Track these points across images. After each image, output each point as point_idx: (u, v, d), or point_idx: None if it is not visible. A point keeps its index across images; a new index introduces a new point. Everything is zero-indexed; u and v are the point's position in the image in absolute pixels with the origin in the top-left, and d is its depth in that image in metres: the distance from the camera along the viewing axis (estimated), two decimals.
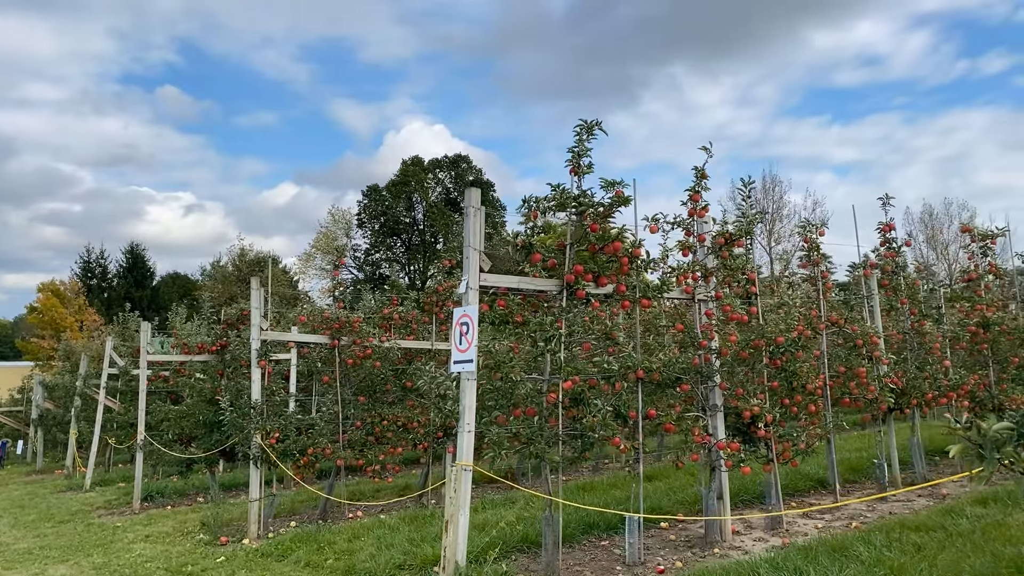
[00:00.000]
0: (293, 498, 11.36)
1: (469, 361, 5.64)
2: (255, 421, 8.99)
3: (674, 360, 6.61)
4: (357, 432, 9.72)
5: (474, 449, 5.73)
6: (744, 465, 6.79)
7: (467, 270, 5.78)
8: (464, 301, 5.79)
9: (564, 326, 6.08)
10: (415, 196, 59.21)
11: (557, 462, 5.94)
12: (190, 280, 60.73)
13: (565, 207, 6.20)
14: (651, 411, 6.68)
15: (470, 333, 5.69)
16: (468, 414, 5.61)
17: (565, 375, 6.06)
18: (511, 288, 6.12)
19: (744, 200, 7.70)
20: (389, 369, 10.05)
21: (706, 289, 7.25)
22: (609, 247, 6.23)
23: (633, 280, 6.60)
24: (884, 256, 9.44)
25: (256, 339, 9.10)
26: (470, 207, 5.82)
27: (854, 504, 8.48)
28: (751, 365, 7.23)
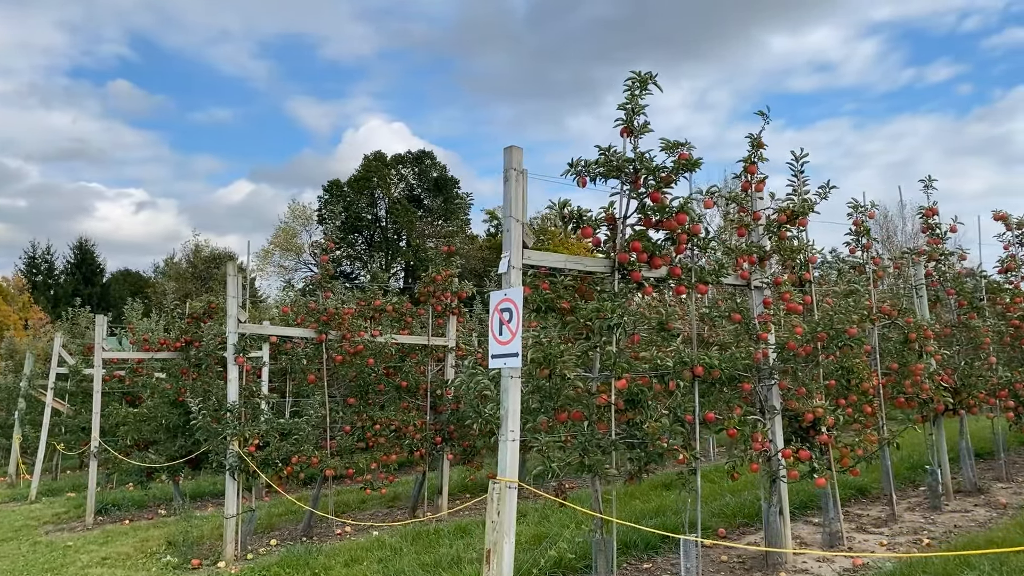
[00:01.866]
0: (269, 510, 10.21)
1: (513, 355, 4.64)
2: (232, 426, 7.86)
3: (736, 355, 5.68)
4: (346, 438, 8.63)
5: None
6: (818, 475, 5.90)
7: (508, 246, 4.77)
8: (505, 282, 4.79)
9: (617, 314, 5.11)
10: (377, 192, 57.86)
11: (614, 476, 4.97)
12: (142, 277, 58.57)
13: (618, 172, 5.23)
14: (709, 414, 5.74)
15: (513, 321, 4.69)
16: (512, 419, 4.61)
17: (619, 372, 5.10)
18: (556, 268, 5.12)
19: (796, 176, 6.81)
20: (382, 367, 8.99)
21: (762, 274, 6.35)
22: (670, 222, 5.28)
23: (689, 262, 5.66)
24: (929, 243, 8.67)
25: (233, 332, 7.96)
26: (511, 170, 4.82)
27: (908, 515, 7.66)
28: (813, 361, 6.35)
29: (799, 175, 6.82)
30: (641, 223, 5.41)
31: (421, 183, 59.49)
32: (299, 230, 57.74)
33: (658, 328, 5.48)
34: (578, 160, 5.23)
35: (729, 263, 5.95)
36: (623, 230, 5.36)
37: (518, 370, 4.71)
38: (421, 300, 9.48)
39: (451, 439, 9.40)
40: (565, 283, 5.09)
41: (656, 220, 5.35)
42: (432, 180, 59.05)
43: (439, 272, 9.35)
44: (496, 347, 4.80)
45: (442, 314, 9.53)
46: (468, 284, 9.72)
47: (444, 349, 9.58)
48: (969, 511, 7.75)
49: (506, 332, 4.75)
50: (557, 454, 4.75)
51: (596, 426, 5.14)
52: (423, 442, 9.02)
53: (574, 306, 5.09)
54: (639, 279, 5.28)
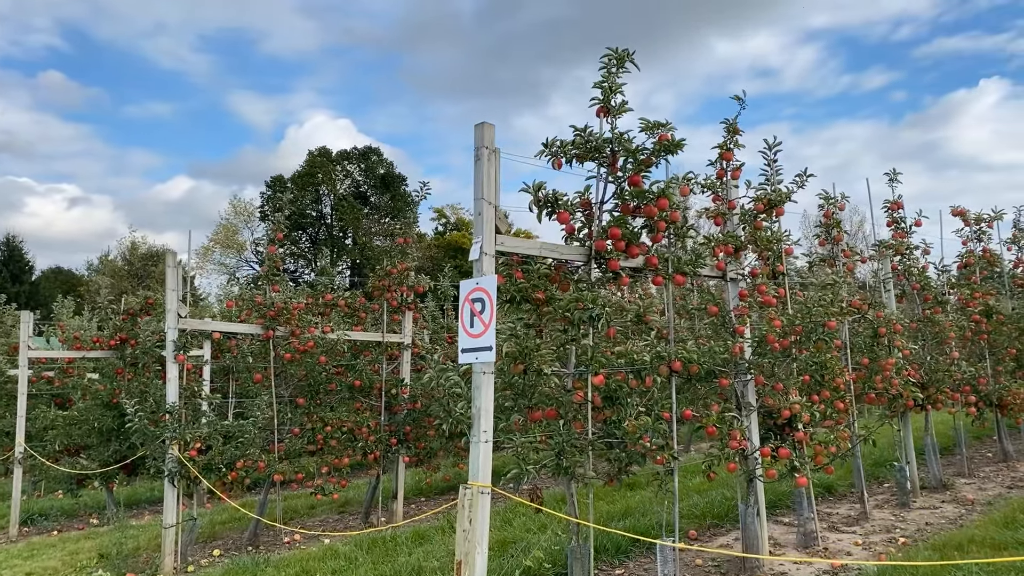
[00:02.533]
0: (212, 518, 9.63)
1: (486, 349, 4.26)
2: (172, 428, 7.30)
3: (715, 349, 5.40)
4: (296, 440, 8.13)
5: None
6: (799, 475, 5.66)
7: (480, 231, 4.39)
8: (476, 270, 4.41)
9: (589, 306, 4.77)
10: (322, 188, 56.79)
11: (592, 478, 4.63)
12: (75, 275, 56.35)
13: (596, 154, 4.89)
14: (687, 411, 5.45)
15: (486, 312, 4.31)
16: (484, 418, 4.23)
17: (596, 368, 4.77)
18: (530, 256, 4.76)
19: (769, 165, 6.58)
20: (334, 365, 8.51)
21: (738, 266, 6.10)
22: (649, 207, 4.96)
23: (666, 251, 5.36)
24: (894, 237, 8.56)
25: (173, 328, 7.41)
26: (482, 148, 4.44)
27: (877, 513, 7.50)
28: (789, 355, 6.11)
29: (772, 164, 6.58)
30: (618, 209, 5.08)
31: (367, 180, 58.63)
32: (241, 227, 56.35)
33: (635, 320, 5.15)
34: (553, 140, 4.87)
35: (707, 253, 5.67)
36: (600, 216, 5.03)
37: (491, 365, 4.33)
38: (375, 295, 9.02)
39: (407, 441, 8.96)
40: (541, 271, 4.73)
41: (634, 206, 5.03)
42: (379, 177, 58.22)
43: (394, 265, 8.90)
44: (467, 340, 4.41)
45: (397, 309, 9.09)
46: (424, 278, 9.30)
47: (399, 346, 9.14)
48: (938, 508, 7.64)
49: (478, 324, 4.37)
50: (532, 456, 4.38)
51: (572, 425, 4.80)
52: (377, 444, 8.57)
53: (550, 296, 4.74)
54: (617, 268, 4.94)
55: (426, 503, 10.12)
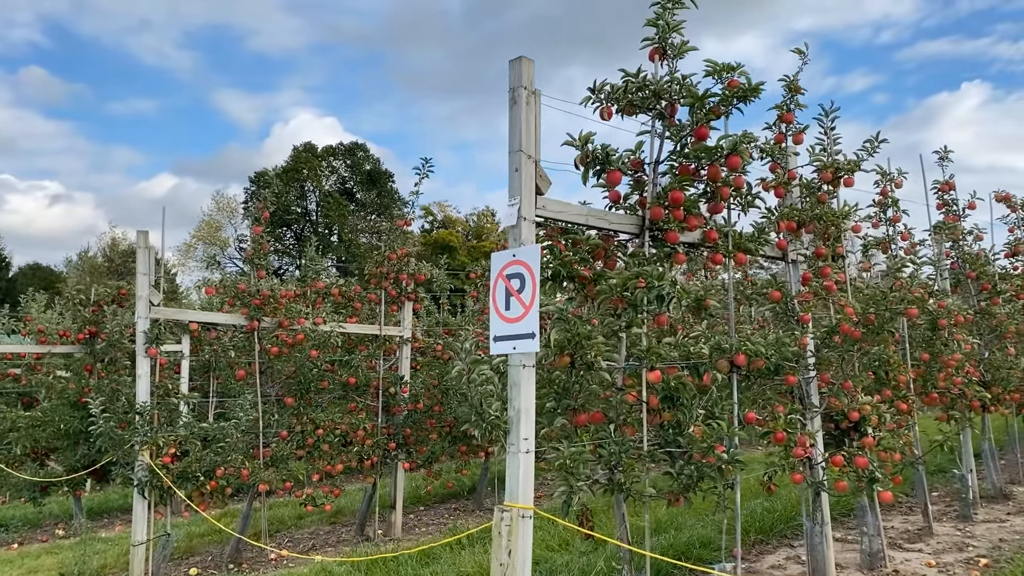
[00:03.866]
0: (190, 530, 8.71)
1: (527, 336, 3.41)
2: (142, 432, 6.40)
3: (784, 340, 4.57)
4: (283, 445, 7.24)
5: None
6: (882, 488, 4.83)
7: (517, 190, 3.54)
8: (512, 239, 3.55)
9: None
10: (307, 185, 55.71)
11: (651, 496, 3.78)
12: (53, 272, 54.91)
13: (656, 99, 4.04)
14: (750, 414, 4.61)
15: (526, 290, 3.46)
16: (525, 422, 3.38)
17: (652, 361, 3.92)
18: (573, 224, 3.90)
19: (826, 133, 5.77)
20: (326, 361, 7.62)
21: (800, 245, 5.28)
22: (714, 168, 4.12)
23: (725, 225, 4.52)
24: (946, 220, 7.77)
25: (144, 317, 6.50)
26: (520, 88, 3.58)
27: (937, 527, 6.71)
28: (859, 349, 5.30)
29: (829, 132, 5.77)
30: (675, 171, 4.23)
31: (354, 176, 57.61)
32: (224, 223, 55.16)
33: (694, 306, 4.30)
34: (602, 84, 4.02)
35: (770, 228, 4.84)
36: (654, 179, 4.18)
37: (533, 356, 3.48)
38: (372, 283, 8.13)
39: (407, 445, 8.09)
40: (592, 241, 3.86)
41: (696, 167, 4.18)
42: (365, 173, 57.20)
43: (393, 250, 8.02)
44: (501, 326, 3.56)
45: (396, 299, 8.21)
46: (427, 265, 8.43)
47: (398, 340, 8.26)
48: (1005, 521, 6.85)
49: (516, 306, 3.51)
50: (584, 470, 3.53)
51: (622, 431, 3.96)
52: (375, 449, 7.69)
53: (598, 274, 3.88)
54: (676, 240, 4.10)
55: (426, 512, 9.25)
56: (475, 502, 9.39)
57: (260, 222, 7.17)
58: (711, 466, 3.73)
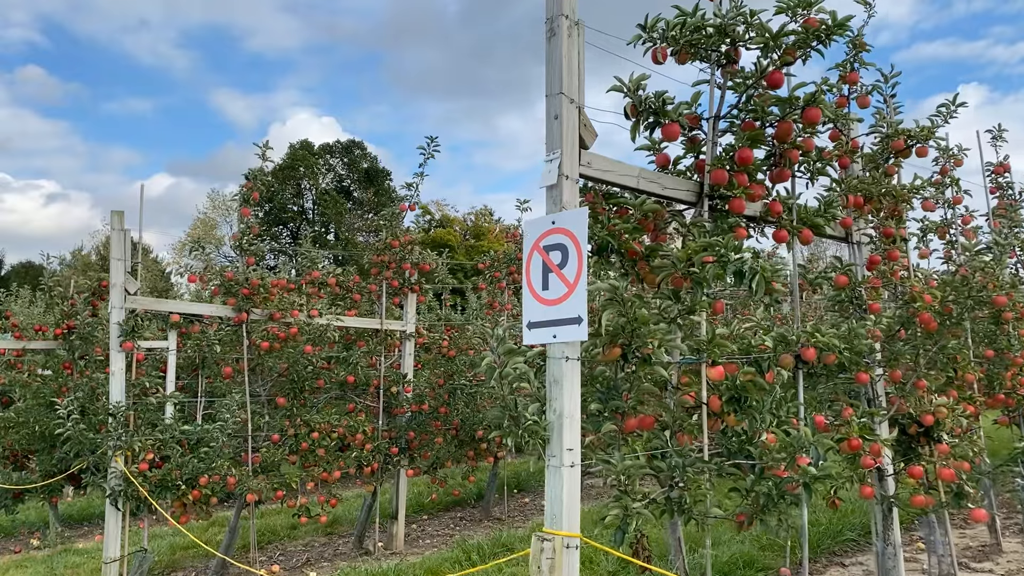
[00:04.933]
0: (172, 541, 8.02)
1: (571, 321, 2.73)
2: (116, 435, 5.72)
3: (858, 332, 3.89)
4: (274, 450, 6.55)
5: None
6: (973, 505, 4.16)
7: (556, 142, 2.87)
8: (550, 202, 2.88)
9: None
10: (304, 182, 54.99)
11: (717, 517, 3.10)
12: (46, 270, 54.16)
13: (721, 38, 3.36)
14: (819, 418, 3.94)
15: (570, 265, 2.78)
16: (569, 429, 2.71)
17: (714, 355, 3.25)
18: (623, 187, 3.23)
19: (886, 101, 5.10)
20: (322, 357, 6.93)
21: (865, 223, 4.61)
22: (785, 124, 3.44)
23: (790, 197, 3.86)
24: (1001, 205, 7.10)
25: (120, 307, 5.82)
26: (560, 18, 2.91)
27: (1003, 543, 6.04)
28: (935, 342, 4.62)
29: (889, 100, 5.10)
30: (738, 128, 3.56)
31: (351, 174, 56.93)
32: (219, 221, 54.42)
33: None
34: (655, 20, 3.34)
35: (838, 202, 4.16)
36: (713, 138, 3.51)
37: (578, 347, 2.80)
38: (372, 272, 7.45)
39: (409, 450, 7.41)
40: (646, 206, 3.17)
41: (764, 123, 3.51)
42: (362, 171, 56.52)
43: (396, 236, 7.34)
44: (538, 309, 2.88)
45: (398, 291, 7.53)
46: (431, 254, 7.75)
47: (400, 335, 7.58)
48: None
49: (557, 284, 2.84)
50: (640, 487, 2.85)
51: (678, 438, 3.28)
52: (375, 454, 7.01)
53: (651, 247, 3.20)
54: (742, 210, 3.42)
55: (429, 522, 8.56)
56: (483, 511, 8.71)
57: (250, 203, 6.49)
58: (794, 481, 3.05)
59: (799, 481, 3.00)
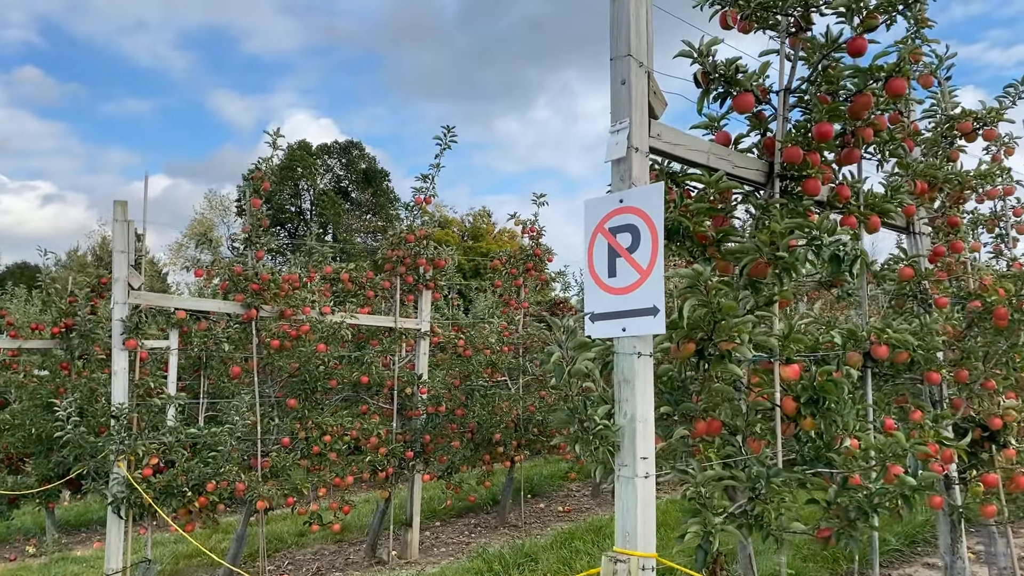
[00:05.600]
0: (176, 549, 7.68)
1: (645, 312, 2.41)
2: (118, 438, 5.38)
3: (931, 328, 3.57)
4: (285, 454, 6.21)
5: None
6: None
7: (623, 109, 2.54)
8: (616, 178, 2.56)
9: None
10: (302, 183, 54.66)
11: (797, 533, 2.77)
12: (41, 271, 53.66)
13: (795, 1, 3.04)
14: (889, 421, 3.61)
15: (643, 249, 2.46)
16: (642, 435, 2.39)
17: (788, 353, 2.93)
18: (694, 164, 2.90)
19: (940, 83, 4.79)
20: (334, 357, 6.59)
21: (928, 211, 4.29)
22: (863, 97, 3.12)
23: (857, 181, 3.54)
24: None
25: (122, 303, 5.48)
26: None
27: None
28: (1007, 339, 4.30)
29: (943, 82, 4.78)
30: (809, 102, 3.23)
31: (349, 174, 56.63)
32: (216, 222, 54.04)
33: (826, 281, 3.30)
34: None
35: (903, 189, 3.84)
36: (784, 112, 3.18)
37: (650, 341, 2.48)
38: (386, 268, 7.12)
39: (425, 453, 7.08)
40: (722, 185, 2.84)
41: (836, 97, 3.18)
42: (360, 172, 56.23)
43: (412, 231, 7.01)
44: (603, 299, 2.55)
45: (413, 287, 7.20)
46: (448, 250, 7.43)
47: (415, 334, 7.25)
48: None
49: (626, 271, 2.51)
50: (719, 500, 2.53)
51: (748, 443, 2.96)
52: (389, 458, 6.68)
53: (725, 231, 2.87)
54: (817, 192, 3.10)
55: (444, 529, 8.22)
56: (498, 517, 8.37)
57: (259, 194, 6.15)
58: (890, 492, 2.73)
59: (895, 493, 2.67)
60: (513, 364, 8.11)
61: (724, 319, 2.50)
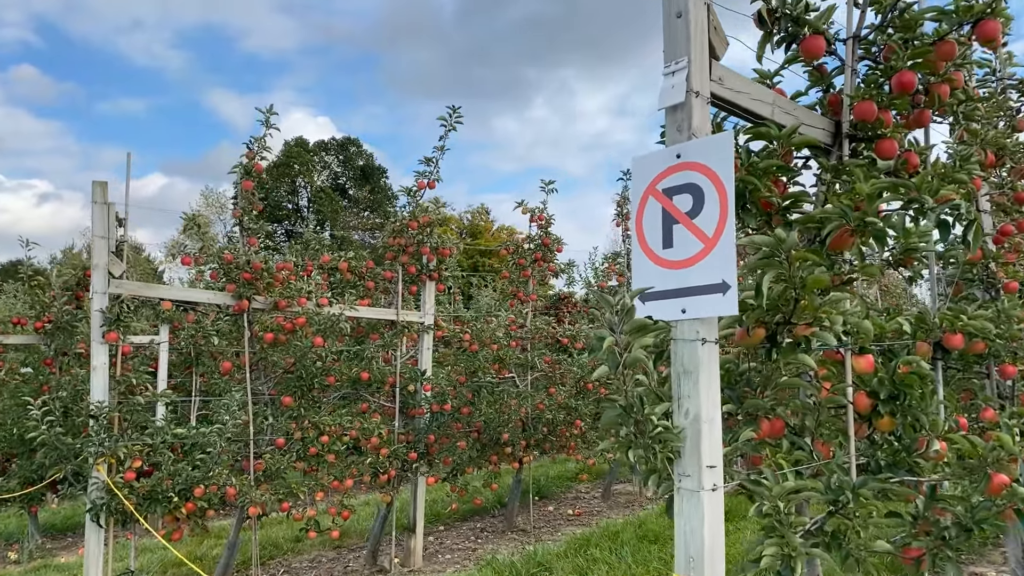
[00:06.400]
0: (164, 555, 7.24)
1: (713, 289, 1.99)
2: (98, 440, 4.94)
3: (1009, 314, 3.15)
4: (279, 456, 5.78)
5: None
6: None
7: (681, 47, 2.12)
8: (674, 128, 2.13)
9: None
10: (299, 180, 54.18)
11: (881, 552, 2.35)
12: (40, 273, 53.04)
13: None
14: (961, 419, 3.19)
15: (708, 212, 2.03)
16: (707, 438, 1.96)
17: (862, 341, 2.50)
18: (756, 116, 2.47)
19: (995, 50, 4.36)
20: (332, 352, 6.16)
21: (991, 187, 3.87)
22: (946, 45, 2.69)
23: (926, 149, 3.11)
24: None
25: (103, 292, 5.04)
26: None
27: None
28: None
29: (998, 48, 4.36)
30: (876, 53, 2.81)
31: (346, 171, 56.18)
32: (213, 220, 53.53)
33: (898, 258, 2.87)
34: None
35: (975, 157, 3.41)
36: (853, 64, 2.75)
37: (715, 326, 2.05)
38: (388, 257, 6.68)
39: (429, 455, 6.65)
40: (800, 139, 2.40)
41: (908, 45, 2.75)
42: (358, 168, 55.77)
43: (415, 217, 6.57)
44: (655, 274, 2.12)
45: (416, 278, 6.77)
46: (452, 238, 6.99)
47: (418, 328, 6.82)
48: None
49: (687, 240, 2.08)
50: (796, 517, 2.10)
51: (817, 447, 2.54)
52: (392, 459, 6.25)
53: (793, 197, 2.44)
54: (893, 154, 2.67)
55: (447, 533, 7.79)
56: (505, 520, 7.94)
57: (251, 175, 5.71)
58: (997, 505, 2.30)
59: (1005, 506, 2.24)
60: (521, 359, 7.68)
61: (807, 297, 2.06)
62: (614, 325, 1.89)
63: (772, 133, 2.36)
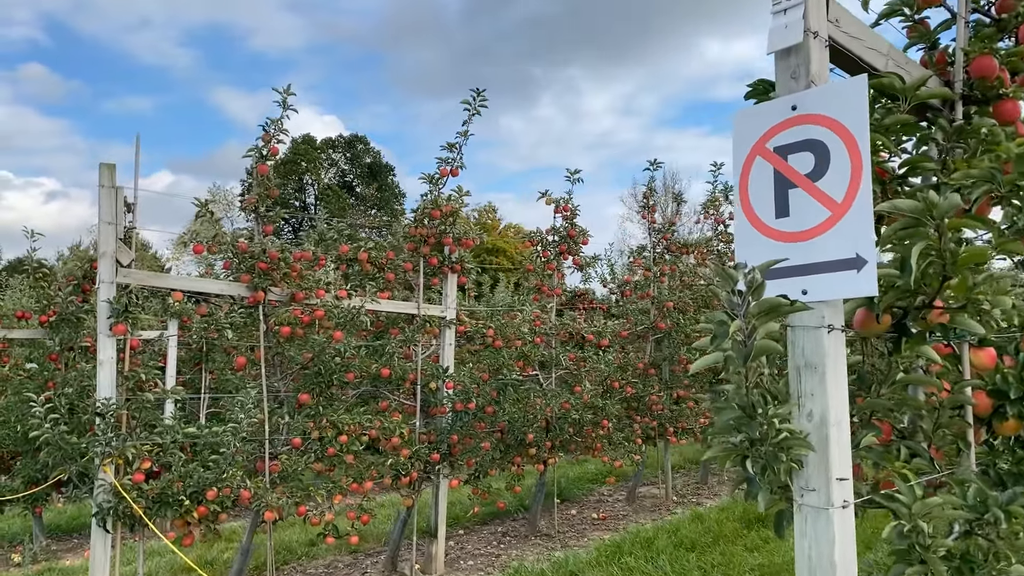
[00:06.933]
0: (171, 560, 6.92)
1: (842, 265, 1.66)
2: (104, 439, 4.62)
3: None
4: (296, 456, 5.45)
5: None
6: None
7: None
8: (787, 74, 1.80)
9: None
10: (306, 177, 53.97)
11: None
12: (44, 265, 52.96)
13: None
14: None
15: (834, 173, 1.70)
16: (836, 444, 1.63)
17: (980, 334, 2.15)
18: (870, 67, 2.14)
19: None
20: (351, 346, 5.82)
21: None
22: None
23: None
24: None
25: (110, 282, 4.72)
26: None
27: None
28: None
29: None
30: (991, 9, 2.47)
31: (354, 169, 55.96)
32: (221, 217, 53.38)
33: None
34: None
35: None
36: (966, 16, 2.41)
37: (841, 310, 1.71)
38: (409, 248, 6.35)
39: (452, 456, 6.32)
40: (921, 94, 2.07)
41: None
42: (365, 166, 55.53)
43: (437, 205, 6.24)
44: (765, 247, 1.78)
45: (437, 270, 6.44)
46: (475, 228, 6.66)
47: (440, 322, 6.49)
48: None
49: (807, 207, 1.74)
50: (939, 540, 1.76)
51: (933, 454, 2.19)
52: (414, 461, 5.92)
53: (913, 162, 2.10)
54: (1016, 116, 2.33)
55: (468, 537, 7.46)
56: (528, 524, 7.61)
57: (267, 158, 5.38)
58: None
59: None
60: (546, 356, 7.34)
61: (961, 274, 1.72)
62: (736, 307, 1.55)
63: (896, 85, 2.02)
